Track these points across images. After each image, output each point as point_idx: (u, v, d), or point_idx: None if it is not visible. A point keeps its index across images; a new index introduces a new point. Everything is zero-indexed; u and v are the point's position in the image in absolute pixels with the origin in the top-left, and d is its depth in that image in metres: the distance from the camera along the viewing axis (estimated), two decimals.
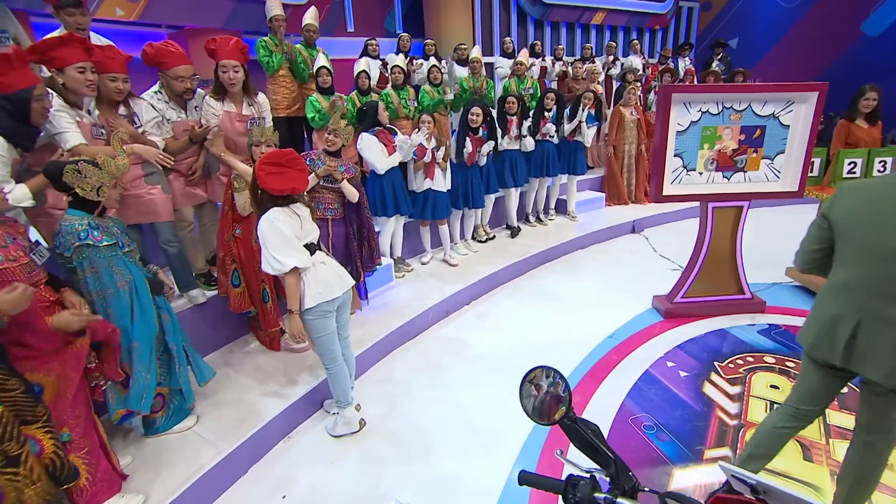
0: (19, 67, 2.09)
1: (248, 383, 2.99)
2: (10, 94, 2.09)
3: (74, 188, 2.06)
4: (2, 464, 1.59)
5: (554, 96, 5.11)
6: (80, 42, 2.37)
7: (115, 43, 3.54)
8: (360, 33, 7.77)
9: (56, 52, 2.30)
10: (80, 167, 2.06)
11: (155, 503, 2.14)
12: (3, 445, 1.58)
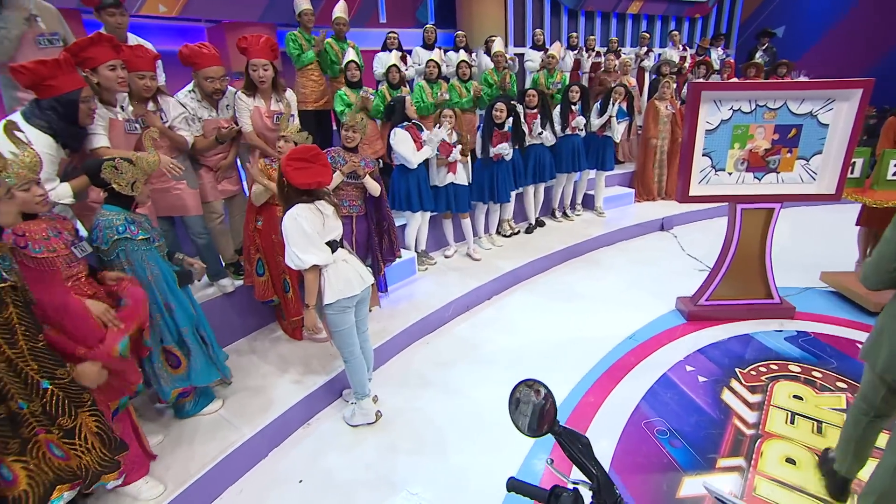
0: (68, 71, 2.23)
1: (271, 370, 3.13)
2: (60, 97, 2.24)
3: (111, 184, 2.19)
4: (60, 435, 1.75)
5: (579, 89, 5.02)
6: (108, 40, 2.49)
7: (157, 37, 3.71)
8: (392, 24, 7.81)
9: (88, 53, 2.43)
10: (116, 163, 2.19)
11: (180, 482, 2.29)
12: (58, 420, 1.73)
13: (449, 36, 8.07)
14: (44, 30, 2.91)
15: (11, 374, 1.63)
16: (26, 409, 1.65)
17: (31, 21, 2.83)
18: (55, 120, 2.24)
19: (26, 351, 1.69)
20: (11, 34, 2.71)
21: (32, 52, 2.80)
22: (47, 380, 1.72)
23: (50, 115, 2.24)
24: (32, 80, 2.16)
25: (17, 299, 1.68)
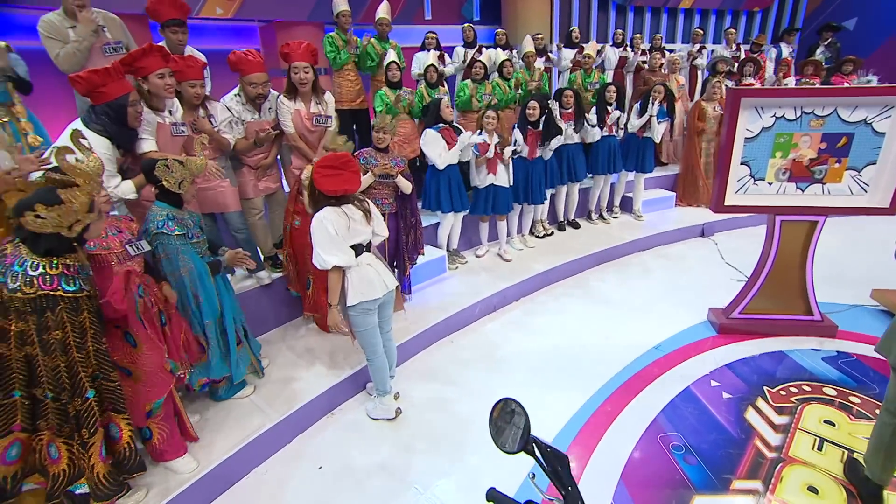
0: (117, 79, 2.45)
1: (300, 361, 3.32)
2: (111, 102, 2.47)
3: (162, 181, 2.41)
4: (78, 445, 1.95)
5: (615, 89, 4.91)
6: (158, 51, 2.71)
7: (214, 37, 3.92)
8: (437, 21, 7.88)
9: (140, 63, 2.65)
10: (168, 163, 2.40)
11: (212, 460, 2.50)
12: (81, 430, 1.94)
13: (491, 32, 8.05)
14: (109, 39, 3.19)
15: (67, 375, 1.85)
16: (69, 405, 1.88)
17: (99, 32, 3.12)
18: (108, 123, 2.48)
19: (92, 352, 1.92)
20: (83, 46, 3.00)
21: (99, 60, 3.09)
22: (93, 390, 1.93)
23: (104, 118, 2.47)
24: (87, 87, 2.40)
25: (91, 307, 1.91)
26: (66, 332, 1.81)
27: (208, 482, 2.47)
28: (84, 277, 1.88)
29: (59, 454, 1.94)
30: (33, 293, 1.75)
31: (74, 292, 1.81)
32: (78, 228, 1.81)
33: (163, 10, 3.27)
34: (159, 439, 2.38)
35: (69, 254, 1.86)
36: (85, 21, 2.96)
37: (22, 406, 1.86)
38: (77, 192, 1.79)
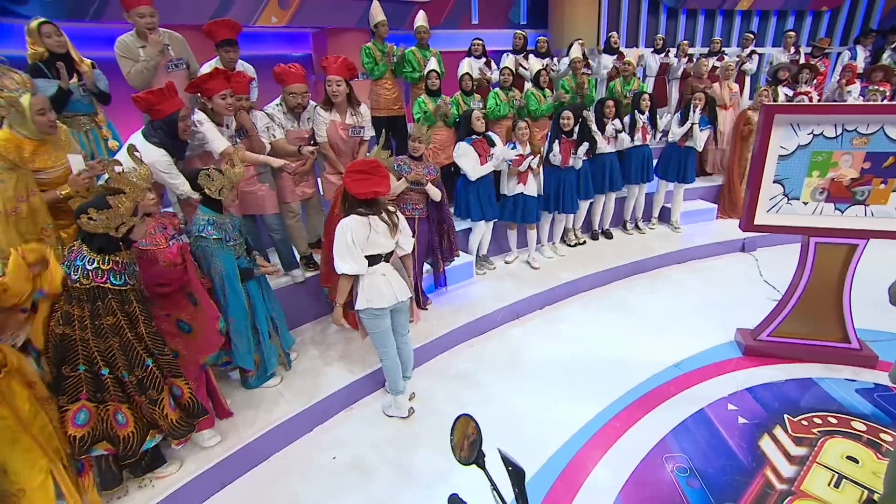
0: (169, 97, 2.75)
1: (325, 356, 3.54)
2: (165, 118, 2.77)
3: (205, 188, 2.67)
4: (149, 403, 2.25)
5: (649, 98, 4.80)
6: (222, 74, 3.01)
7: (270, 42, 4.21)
8: (484, 25, 7.95)
9: (207, 85, 2.97)
10: (209, 173, 2.66)
11: (237, 441, 2.75)
12: (147, 392, 2.23)
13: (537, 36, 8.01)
14: (172, 56, 3.53)
15: (121, 353, 2.14)
16: (127, 378, 2.16)
17: (165, 50, 3.46)
18: (163, 135, 2.78)
19: (144, 334, 2.21)
20: (150, 65, 3.35)
21: (163, 76, 3.44)
22: (151, 358, 2.22)
23: (160, 132, 2.77)
24: (145, 106, 2.70)
25: (138, 297, 2.20)
26: (117, 319, 2.11)
27: (233, 461, 2.73)
28: (130, 273, 2.16)
29: (126, 419, 2.24)
30: (88, 284, 2.04)
31: (120, 286, 2.10)
32: (123, 230, 2.08)
33: (217, 31, 3.57)
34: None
35: (118, 252, 2.14)
36: (153, 43, 3.30)
37: (86, 379, 2.16)
38: (123, 198, 2.06)
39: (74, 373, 2.13)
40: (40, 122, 2.43)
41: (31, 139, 2.50)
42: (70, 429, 2.15)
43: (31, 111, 2.38)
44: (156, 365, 2.23)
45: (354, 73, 3.63)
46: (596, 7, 7.37)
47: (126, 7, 3.22)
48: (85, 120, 3.32)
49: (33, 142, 2.50)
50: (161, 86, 2.83)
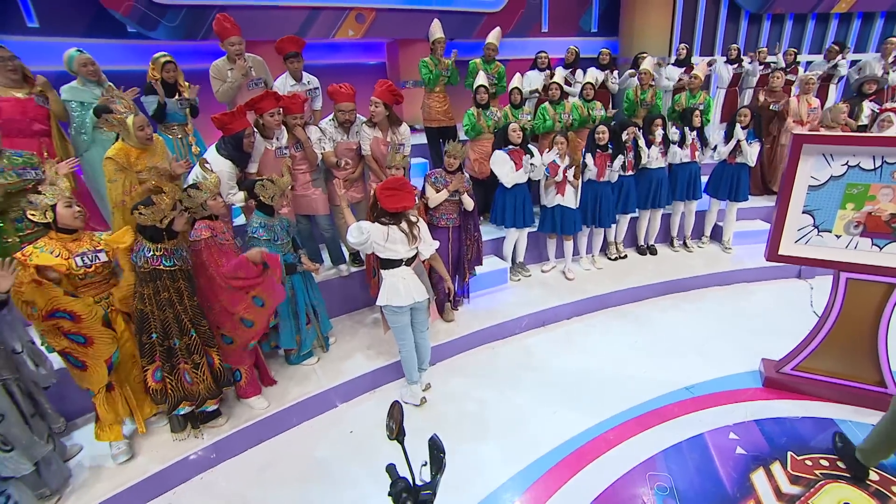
0: (238, 118, 3.31)
1: (359, 344, 3.99)
2: (234, 135, 3.34)
3: (259, 196, 3.20)
4: (191, 367, 2.82)
5: (700, 114, 4.67)
6: (273, 95, 3.54)
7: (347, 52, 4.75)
8: (554, 34, 8.02)
9: (259, 104, 3.51)
10: (264, 183, 3.18)
11: (274, 407, 3.28)
12: (192, 356, 2.80)
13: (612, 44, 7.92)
14: (253, 76, 4.16)
15: (175, 322, 2.71)
16: (178, 344, 2.74)
17: (248, 72, 4.09)
18: (231, 149, 3.35)
19: (189, 307, 2.77)
20: (234, 85, 4.00)
21: (245, 93, 4.07)
22: (194, 329, 2.78)
23: (229, 147, 3.35)
24: (220, 124, 3.28)
25: (184, 276, 2.76)
26: (170, 294, 2.68)
27: (270, 422, 3.27)
28: (178, 257, 2.72)
29: (193, 378, 2.84)
30: (148, 268, 2.63)
31: (170, 267, 2.67)
32: (166, 222, 2.64)
33: (284, 47, 4.14)
34: (245, 381, 3.23)
35: (167, 240, 2.69)
36: (239, 68, 3.95)
37: (159, 345, 2.77)
38: (164, 196, 2.61)
39: (149, 340, 2.74)
40: (140, 136, 3.10)
41: (135, 148, 3.18)
42: (150, 383, 2.78)
43: (133, 128, 3.05)
44: (198, 334, 2.79)
45: (398, 100, 4.01)
46: (669, 14, 7.13)
47: (220, 37, 3.87)
48: (178, 128, 4.04)
49: (136, 150, 3.18)
50: (243, 101, 3.43)
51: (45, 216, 2.46)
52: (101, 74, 3.87)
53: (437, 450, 1.67)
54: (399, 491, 1.53)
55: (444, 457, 1.66)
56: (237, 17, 5.43)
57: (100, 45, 5.44)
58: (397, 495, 1.52)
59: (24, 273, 2.30)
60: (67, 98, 3.73)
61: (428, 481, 1.58)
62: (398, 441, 1.62)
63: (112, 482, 2.76)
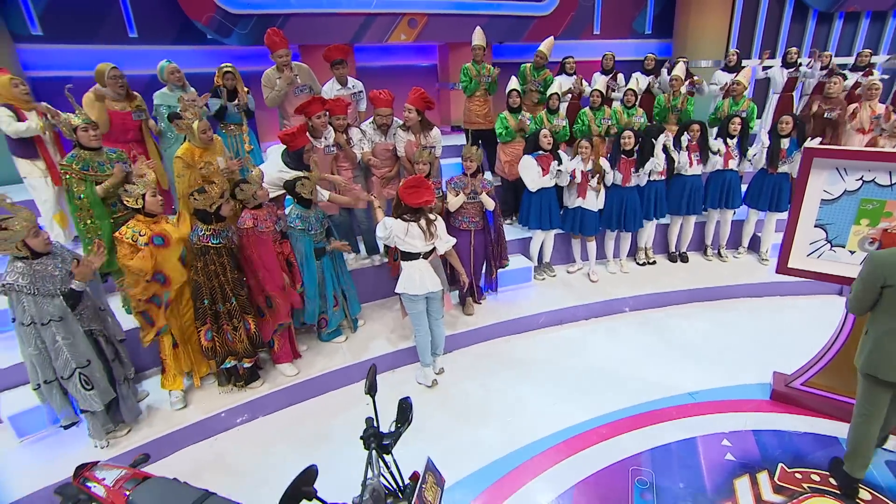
0: (300, 136, 3.72)
1: (384, 327, 4.37)
2: (296, 150, 3.76)
3: (301, 194, 3.64)
4: (231, 328, 3.32)
5: (740, 122, 4.57)
6: (319, 100, 3.97)
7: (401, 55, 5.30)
8: (605, 36, 7.99)
9: (308, 108, 3.95)
10: (302, 181, 3.62)
11: (303, 376, 3.74)
12: (232, 320, 3.30)
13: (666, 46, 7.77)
14: (299, 83, 4.65)
15: (219, 290, 3.22)
16: (222, 309, 3.24)
17: (293, 80, 4.58)
18: (294, 162, 3.77)
19: (230, 279, 3.27)
20: (282, 93, 4.51)
21: (293, 99, 4.56)
22: (234, 297, 3.28)
23: (293, 159, 3.76)
24: (284, 140, 3.72)
25: (228, 252, 3.26)
26: (216, 266, 3.19)
27: (298, 389, 3.73)
28: (224, 236, 3.21)
29: (233, 338, 3.36)
30: (200, 245, 3.14)
31: (217, 244, 3.17)
32: (214, 207, 3.14)
33: (331, 55, 4.60)
34: (278, 347, 3.71)
35: (216, 222, 3.19)
36: (286, 78, 4.45)
37: (209, 309, 3.29)
38: (214, 187, 3.10)
39: (202, 305, 3.26)
40: (203, 138, 3.63)
41: (199, 148, 3.72)
42: (203, 342, 3.31)
43: (198, 132, 3.59)
44: (237, 302, 3.28)
45: (430, 106, 4.32)
46: (727, 15, 6.87)
47: (270, 49, 4.38)
48: (235, 128, 4.60)
49: (200, 150, 3.72)
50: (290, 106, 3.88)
51: (136, 202, 3.02)
52: (184, 80, 4.51)
53: (406, 408, 1.97)
54: (368, 435, 1.85)
55: (410, 415, 1.96)
56: (299, 23, 6.03)
57: (184, 51, 6.22)
58: (367, 438, 1.84)
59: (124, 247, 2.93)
60: (158, 103, 4.41)
61: (392, 431, 1.89)
62: (370, 395, 1.94)
63: (168, 423, 3.32)
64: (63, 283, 2.72)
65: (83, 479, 1.87)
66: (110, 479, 1.83)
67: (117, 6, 6.00)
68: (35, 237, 2.65)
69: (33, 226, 2.65)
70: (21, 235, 2.59)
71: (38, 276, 2.65)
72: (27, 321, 2.67)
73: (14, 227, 2.57)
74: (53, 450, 3.11)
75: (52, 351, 2.75)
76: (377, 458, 1.80)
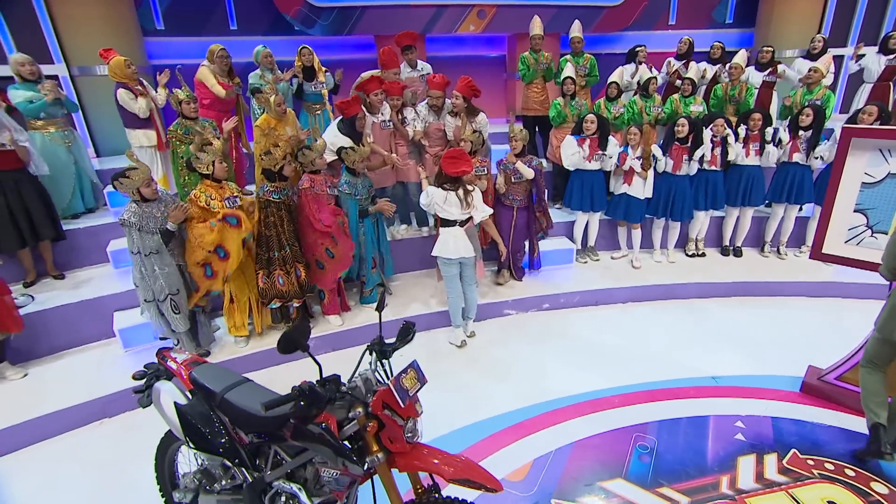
0: (354, 105, 4.18)
1: (423, 293, 4.71)
2: (350, 117, 4.23)
3: (344, 160, 4.09)
4: (284, 273, 3.83)
5: (812, 112, 4.31)
6: (377, 79, 4.38)
7: (471, 45, 6.25)
8: (682, 26, 7.75)
9: (366, 86, 4.38)
10: (347, 151, 4.05)
11: (347, 326, 4.19)
12: (285, 266, 3.81)
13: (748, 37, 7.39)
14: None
15: (276, 240, 3.74)
16: (277, 256, 3.76)
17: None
18: (347, 128, 4.25)
19: (286, 230, 3.78)
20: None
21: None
22: (288, 246, 3.78)
23: (346, 126, 4.24)
24: (339, 110, 4.20)
25: (286, 208, 3.77)
26: (275, 218, 3.70)
27: (340, 336, 4.19)
28: (283, 194, 3.71)
29: (284, 281, 3.89)
30: (264, 198, 3.67)
31: (277, 199, 3.68)
32: (278, 167, 3.63)
33: (401, 40, 5.01)
34: (328, 301, 4.21)
35: (277, 181, 3.69)
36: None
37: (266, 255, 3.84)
38: (278, 149, 3.60)
39: (262, 252, 3.81)
40: (278, 111, 4.20)
41: (275, 119, 4.30)
42: (259, 283, 3.86)
43: (273, 105, 4.15)
44: (290, 251, 3.77)
45: (476, 94, 4.57)
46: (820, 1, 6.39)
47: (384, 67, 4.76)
48: (317, 106, 5.17)
49: (275, 120, 4.29)
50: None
51: (206, 168, 3.60)
52: (274, 63, 5.15)
53: (408, 328, 2.25)
54: (372, 344, 2.16)
55: (411, 335, 2.24)
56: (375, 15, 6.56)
57: (275, 41, 6.98)
58: (371, 346, 2.14)
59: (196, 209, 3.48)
60: (252, 82, 5.05)
61: (393, 342, 2.18)
62: (378, 311, 2.26)
63: (233, 351, 3.91)
64: (162, 223, 3.37)
65: (163, 356, 2.41)
66: (180, 359, 2.35)
67: (223, 3, 6.90)
68: (147, 187, 3.32)
69: (147, 178, 3.32)
70: (137, 184, 3.27)
71: (144, 216, 3.31)
72: (135, 251, 3.34)
73: (133, 177, 3.24)
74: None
75: (151, 277, 3.40)
76: (376, 360, 2.10)
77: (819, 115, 4.51)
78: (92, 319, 4.05)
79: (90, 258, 4.62)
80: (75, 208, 4.79)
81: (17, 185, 3.98)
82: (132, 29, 6.23)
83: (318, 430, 1.88)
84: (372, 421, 1.82)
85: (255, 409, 2.02)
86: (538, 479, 2.74)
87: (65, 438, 3.29)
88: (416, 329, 4.34)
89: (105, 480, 2.90)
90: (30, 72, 4.33)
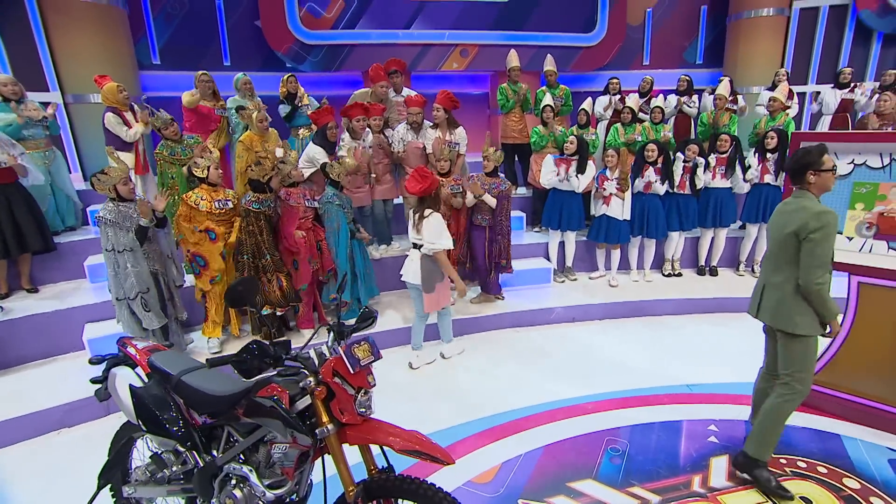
0: (323, 115, 4.37)
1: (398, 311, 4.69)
2: (321, 127, 4.40)
3: (329, 174, 4.19)
4: (266, 282, 3.84)
5: (776, 135, 4.52)
6: (360, 105, 4.56)
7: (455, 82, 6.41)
8: (656, 66, 8.17)
9: (350, 111, 4.56)
10: (332, 164, 4.17)
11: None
12: (266, 275, 3.83)
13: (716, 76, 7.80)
14: None
15: (256, 248, 3.77)
16: (259, 263, 3.79)
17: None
18: (320, 138, 4.41)
19: (265, 240, 3.82)
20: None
21: None
22: (269, 254, 3.81)
23: (319, 136, 4.42)
24: (312, 118, 4.38)
25: (266, 218, 3.83)
26: (255, 227, 3.75)
27: None
28: (265, 205, 3.77)
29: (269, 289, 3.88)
30: (246, 207, 3.72)
31: (258, 210, 3.73)
32: (265, 179, 3.72)
33: (388, 66, 5.27)
34: (302, 313, 4.19)
35: (262, 193, 3.77)
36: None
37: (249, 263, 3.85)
38: (266, 161, 3.72)
39: (242, 259, 3.83)
40: (260, 126, 4.36)
41: (257, 135, 4.44)
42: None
43: (255, 121, 4.30)
44: (271, 259, 3.80)
45: (455, 105, 4.79)
46: (780, 41, 6.82)
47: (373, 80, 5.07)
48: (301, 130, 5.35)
49: (257, 137, 4.44)
50: None
51: (202, 172, 3.71)
52: (253, 90, 5.35)
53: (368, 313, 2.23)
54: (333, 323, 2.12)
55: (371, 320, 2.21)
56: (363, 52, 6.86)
57: (267, 76, 7.28)
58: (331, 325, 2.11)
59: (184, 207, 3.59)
60: (230, 106, 5.24)
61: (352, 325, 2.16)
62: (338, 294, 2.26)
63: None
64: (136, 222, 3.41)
65: (123, 343, 2.39)
66: (140, 345, 2.33)
67: (217, 40, 7.25)
68: (124, 185, 3.40)
69: (125, 176, 3.40)
70: (114, 181, 3.35)
71: (120, 214, 3.37)
72: (109, 247, 3.37)
73: (111, 174, 3.33)
74: None
75: (123, 275, 3.41)
76: (334, 339, 2.07)
77: (783, 138, 4.72)
78: (63, 331, 4.00)
79: (67, 273, 4.61)
80: (54, 226, 4.81)
81: (7, 197, 4.04)
82: (128, 61, 6.49)
83: (269, 402, 1.85)
84: (321, 386, 1.79)
85: (211, 388, 2.00)
86: (506, 481, 2.66)
87: (18, 448, 3.16)
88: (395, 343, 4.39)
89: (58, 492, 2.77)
90: (11, 91, 4.43)
